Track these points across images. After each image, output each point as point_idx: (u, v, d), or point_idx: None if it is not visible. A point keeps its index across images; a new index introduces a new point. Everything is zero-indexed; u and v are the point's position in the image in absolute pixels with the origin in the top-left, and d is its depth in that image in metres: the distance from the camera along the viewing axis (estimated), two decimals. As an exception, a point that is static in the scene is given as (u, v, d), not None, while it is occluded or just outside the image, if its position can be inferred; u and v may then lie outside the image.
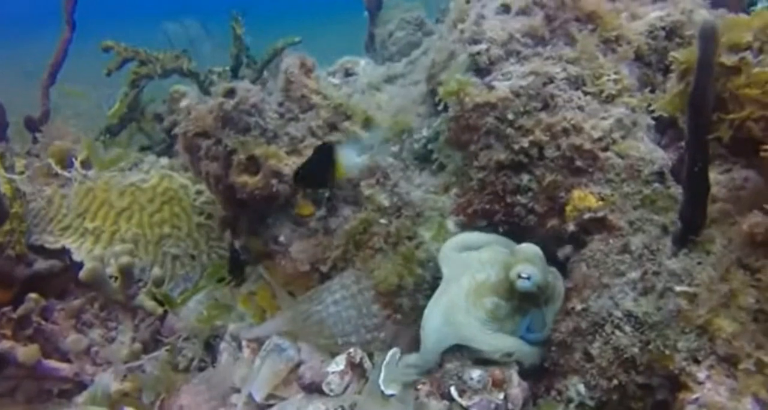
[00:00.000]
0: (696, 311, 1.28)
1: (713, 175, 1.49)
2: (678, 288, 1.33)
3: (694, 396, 1.20)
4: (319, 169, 1.82)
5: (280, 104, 2.07)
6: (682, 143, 1.91)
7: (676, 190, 1.65)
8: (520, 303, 1.58)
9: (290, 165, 1.95)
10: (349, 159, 1.86)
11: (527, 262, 1.55)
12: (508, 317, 1.59)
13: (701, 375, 1.22)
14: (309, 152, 2.00)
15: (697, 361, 1.25)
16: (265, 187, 1.91)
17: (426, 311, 1.65)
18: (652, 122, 1.85)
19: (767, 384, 1.15)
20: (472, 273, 1.65)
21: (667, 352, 1.31)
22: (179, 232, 2.54)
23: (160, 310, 2.19)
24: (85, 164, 2.56)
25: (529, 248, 1.61)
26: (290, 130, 2.03)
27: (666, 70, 2.02)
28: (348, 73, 2.83)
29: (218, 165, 2.00)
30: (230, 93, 1.98)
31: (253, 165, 1.94)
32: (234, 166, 1.94)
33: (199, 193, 2.63)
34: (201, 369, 2.06)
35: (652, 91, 1.86)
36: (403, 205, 1.95)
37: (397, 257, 1.86)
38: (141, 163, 2.67)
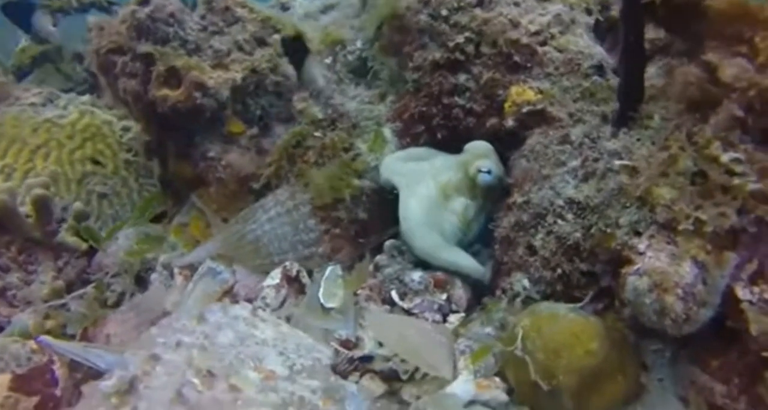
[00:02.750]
0: (635, 183, 1.23)
1: (649, 69, 1.44)
2: (618, 162, 1.28)
3: (636, 267, 1.16)
4: None
5: (202, 17, 1.91)
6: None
7: (616, 83, 1.60)
8: (483, 201, 1.53)
9: (215, 78, 1.81)
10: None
11: (482, 157, 1.49)
12: (475, 217, 1.54)
13: (642, 245, 1.18)
14: (236, 67, 1.87)
15: (638, 233, 1.21)
16: (188, 99, 1.77)
17: (402, 201, 1.57)
18: (591, 21, 1.79)
19: (705, 247, 1.11)
20: (432, 177, 1.58)
21: (609, 231, 1.27)
22: (104, 170, 2.36)
23: (84, 246, 2.03)
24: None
25: (480, 144, 1.56)
26: (214, 43, 1.88)
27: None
28: (284, 7, 2.67)
29: (136, 81, 1.84)
30: (144, 2, 1.81)
31: (173, 78, 1.79)
32: (153, 79, 1.78)
33: (125, 129, 2.46)
34: (132, 304, 1.94)
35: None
36: (338, 116, 1.85)
37: (333, 169, 1.76)
38: (56, 98, 2.46)
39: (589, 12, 1.83)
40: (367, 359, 1.37)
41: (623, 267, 1.22)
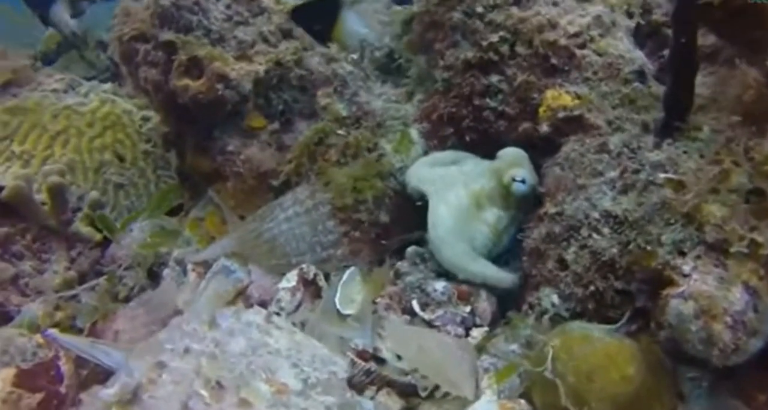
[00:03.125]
0: (682, 199, 1.14)
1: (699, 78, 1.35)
2: (662, 176, 1.19)
3: (680, 289, 1.07)
4: (320, 15, 1.63)
5: (228, 6, 1.85)
6: (665, 51, 1.79)
7: (658, 90, 1.52)
8: (515, 212, 1.45)
9: (237, 70, 1.76)
10: (353, 23, 1.67)
11: (517, 165, 1.42)
12: (506, 229, 1.46)
13: (687, 267, 1.10)
14: (260, 59, 1.81)
15: (682, 253, 1.13)
16: (209, 90, 1.71)
17: (432, 209, 1.49)
18: (632, 25, 1.70)
19: (758, 272, 1.03)
20: (463, 184, 1.50)
21: (649, 248, 1.19)
22: (122, 161, 2.32)
23: (98, 236, 1.99)
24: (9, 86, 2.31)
25: (514, 151, 1.49)
26: (239, 33, 1.82)
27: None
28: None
29: (157, 71, 1.79)
30: (168, -12, 1.76)
31: (195, 68, 1.74)
32: (174, 68, 1.73)
33: (145, 119, 2.42)
34: (143, 299, 1.89)
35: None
36: (363, 114, 1.78)
37: (355, 169, 1.70)
38: (78, 86, 2.42)
39: (630, 15, 1.74)
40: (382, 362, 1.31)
41: (664, 288, 1.13)
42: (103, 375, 1.48)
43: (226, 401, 0.91)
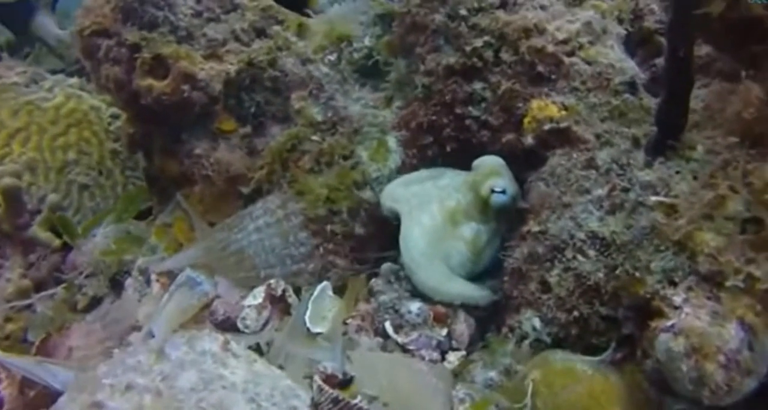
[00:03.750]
0: (674, 224, 1.07)
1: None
2: (654, 198, 1.11)
3: (669, 322, 1.00)
4: None
5: (198, 1, 1.74)
6: (657, 61, 1.72)
7: (650, 102, 1.44)
8: (496, 224, 1.37)
9: (206, 70, 1.65)
10: None
11: (494, 175, 1.33)
12: (488, 243, 1.38)
13: (678, 298, 1.02)
14: (231, 58, 1.71)
15: (673, 283, 1.05)
16: (175, 91, 1.60)
17: (404, 231, 1.41)
18: (623, 32, 1.62)
19: (754, 307, 0.95)
20: (438, 201, 1.42)
21: (638, 275, 1.11)
22: (89, 159, 2.21)
23: (57, 242, 1.88)
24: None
25: (491, 159, 1.40)
26: (209, 31, 1.72)
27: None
28: None
29: (120, 69, 1.67)
30: (133, -19, 1.65)
31: (160, 67, 1.63)
32: (138, 67, 1.62)
33: (114, 117, 2.30)
34: (104, 310, 1.78)
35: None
36: (339, 120, 1.68)
37: (330, 178, 1.60)
38: (42, 80, 2.29)
39: (620, 21, 1.66)
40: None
41: (652, 318, 1.06)
42: (51, 397, 1.39)
43: (169, 447, 0.82)
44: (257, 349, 1.30)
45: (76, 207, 2.15)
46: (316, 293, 1.48)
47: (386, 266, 1.45)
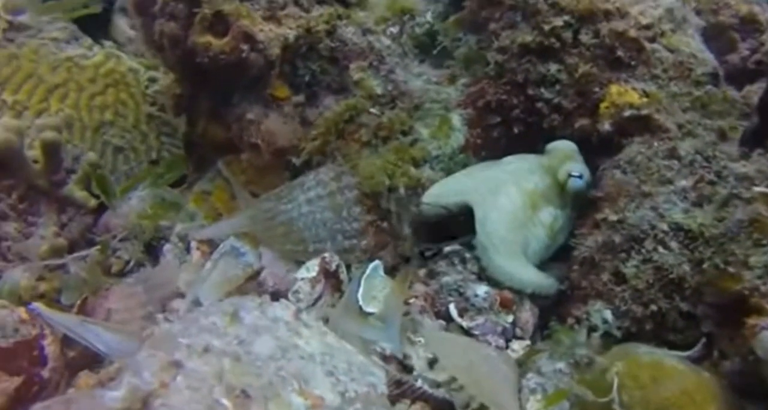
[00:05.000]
0: (779, 218, 1.01)
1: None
2: (756, 189, 1.06)
3: (772, 320, 0.94)
4: None
5: (259, -39, 1.67)
6: (729, 57, 1.67)
7: (734, 95, 1.39)
8: (570, 210, 1.32)
9: (266, 31, 1.58)
10: None
11: (570, 160, 1.28)
12: (561, 229, 1.32)
13: (781, 295, 0.97)
14: (290, 23, 1.64)
15: (775, 279, 1.00)
16: (233, 51, 1.54)
17: (480, 217, 1.33)
18: (702, 23, 1.56)
19: None
20: (515, 183, 1.36)
21: (732, 270, 1.05)
22: (124, 122, 2.14)
23: (93, 202, 1.81)
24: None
25: (565, 144, 1.36)
26: (270, -9, 1.64)
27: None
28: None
29: (177, 24, 1.61)
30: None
31: (220, 24, 1.56)
32: (196, 22, 1.55)
33: (152, 80, 2.23)
34: (139, 274, 1.71)
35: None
36: (399, 94, 1.62)
37: (388, 153, 1.54)
38: (82, 38, 2.22)
39: (698, 12, 1.60)
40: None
41: (750, 316, 1.00)
42: (92, 358, 1.33)
43: (253, 414, 0.76)
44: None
45: (110, 169, 2.08)
46: (368, 271, 1.42)
47: (450, 248, 1.39)
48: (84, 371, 1.28)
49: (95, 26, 2.28)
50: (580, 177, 1.31)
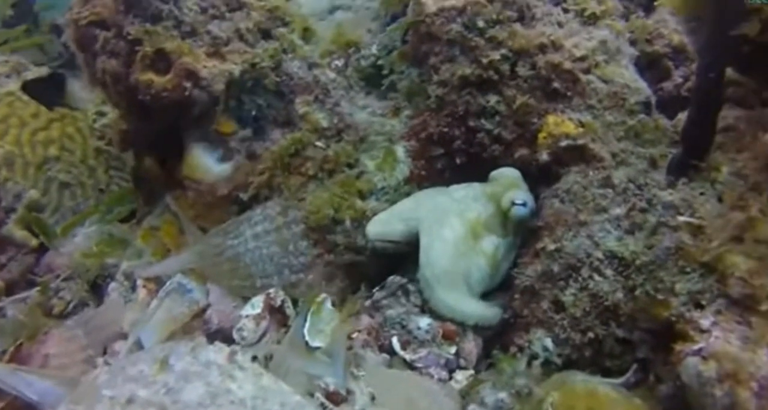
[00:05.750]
0: (702, 246, 1.04)
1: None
2: (680, 219, 1.09)
3: (697, 346, 0.97)
4: None
5: (203, -3, 1.68)
6: (665, 85, 1.73)
7: (665, 123, 1.43)
8: (513, 238, 1.35)
9: (209, 68, 1.58)
10: None
11: (514, 187, 1.30)
12: (504, 257, 1.34)
13: (706, 321, 0.99)
14: (235, 58, 1.64)
15: (700, 306, 1.03)
16: (176, 88, 1.53)
17: (424, 246, 1.34)
18: (636, 53, 1.62)
19: (786, 333, 0.93)
20: (458, 213, 1.37)
21: (660, 297, 1.08)
22: (71, 156, 2.11)
23: (34, 242, 1.78)
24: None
25: (509, 171, 1.38)
26: (213, 28, 1.65)
27: (648, 5, 1.82)
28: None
29: (118, 62, 1.59)
30: (139, -28, 1.58)
31: (162, 62, 1.55)
32: (138, 61, 1.54)
33: (100, 114, 2.21)
34: (82, 315, 1.67)
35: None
36: (345, 127, 1.63)
37: (333, 186, 1.55)
38: (25, 71, 2.19)
39: (632, 42, 1.67)
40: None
41: (675, 341, 1.02)
42: (23, 409, 1.28)
43: (177, 467, 0.74)
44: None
45: (55, 205, 2.04)
46: (314, 306, 1.41)
47: (392, 278, 1.39)
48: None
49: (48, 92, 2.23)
50: (524, 205, 1.33)
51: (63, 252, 1.80)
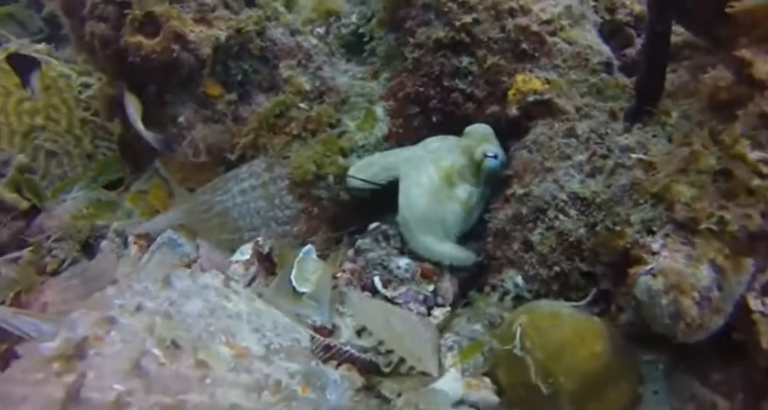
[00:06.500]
0: (652, 179, 1.16)
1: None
2: (633, 156, 1.20)
3: (649, 267, 1.08)
4: None
5: (189, -34, 1.74)
6: (627, 51, 1.84)
7: (624, 81, 1.55)
8: (484, 188, 1.45)
9: (196, 32, 1.65)
10: None
11: (486, 141, 1.40)
12: (476, 205, 1.44)
13: (656, 245, 1.10)
14: (221, 24, 1.71)
15: (651, 232, 1.14)
16: (165, 51, 1.60)
17: (403, 190, 1.44)
18: (600, 20, 1.74)
19: (724, 251, 1.04)
20: (432, 162, 1.46)
21: (618, 229, 1.19)
22: (57, 126, 2.15)
23: (25, 204, 1.83)
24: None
25: (482, 127, 1.48)
26: (199, -5, 1.72)
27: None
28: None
29: (107, 26, 1.65)
30: (126, -61, 1.64)
31: (151, 25, 1.62)
32: (127, 24, 1.60)
33: (85, 85, 2.25)
34: (75, 273, 1.73)
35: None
36: (327, 89, 1.72)
37: (316, 145, 1.63)
38: (6, 42, 2.22)
39: (596, 10, 1.78)
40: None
41: (632, 267, 1.13)
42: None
43: (182, 362, 0.82)
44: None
45: (43, 173, 2.09)
46: (300, 255, 1.50)
47: (374, 226, 1.49)
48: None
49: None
50: (495, 157, 1.43)
51: (54, 214, 1.85)
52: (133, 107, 1.60)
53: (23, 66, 1.89)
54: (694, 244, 1.06)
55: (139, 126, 1.63)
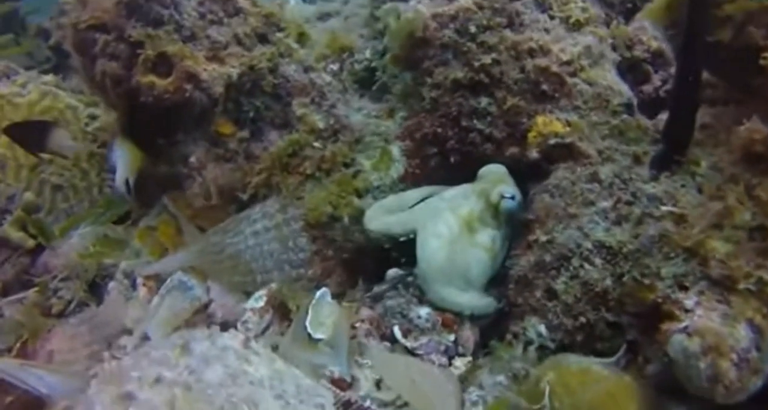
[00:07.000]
0: (684, 233, 1.12)
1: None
2: (664, 208, 1.17)
3: (683, 324, 1.04)
4: None
5: (201, 3, 1.73)
6: (644, 87, 1.82)
7: (646, 123, 1.52)
8: (506, 230, 1.42)
9: (209, 71, 1.63)
10: None
11: (501, 182, 1.37)
12: (502, 248, 1.41)
13: (689, 301, 1.07)
14: (233, 61, 1.69)
15: (684, 288, 1.10)
16: (177, 90, 1.58)
17: (421, 243, 1.41)
18: (618, 58, 1.72)
19: (761, 310, 1.01)
20: (450, 210, 1.43)
21: (647, 282, 1.16)
22: (63, 159, 2.11)
23: (30, 243, 1.79)
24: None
25: (496, 168, 1.45)
26: (212, 33, 1.70)
27: (627, 13, 1.92)
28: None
29: (119, 65, 1.63)
30: (139, -22, 1.62)
31: (163, 65, 1.60)
32: (140, 63, 1.58)
33: (92, 117, 2.22)
34: (82, 314, 1.69)
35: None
36: (341, 127, 1.69)
37: (331, 185, 1.60)
38: (15, 74, 2.20)
39: (614, 48, 1.76)
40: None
41: (662, 322, 1.10)
42: (31, 403, 1.29)
43: (206, 439, 0.78)
44: (262, 352, 1.27)
45: (49, 208, 2.05)
46: (315, 299, 1.46)
47: (392, 271, 1.45)
48: (24, 415, 1.25)
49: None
50: (512, 198, 1.40)
51: (60, 252, 1.82)
52: (126, 159, 1.57)
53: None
54: (731, 303, 1.03)
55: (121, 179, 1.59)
